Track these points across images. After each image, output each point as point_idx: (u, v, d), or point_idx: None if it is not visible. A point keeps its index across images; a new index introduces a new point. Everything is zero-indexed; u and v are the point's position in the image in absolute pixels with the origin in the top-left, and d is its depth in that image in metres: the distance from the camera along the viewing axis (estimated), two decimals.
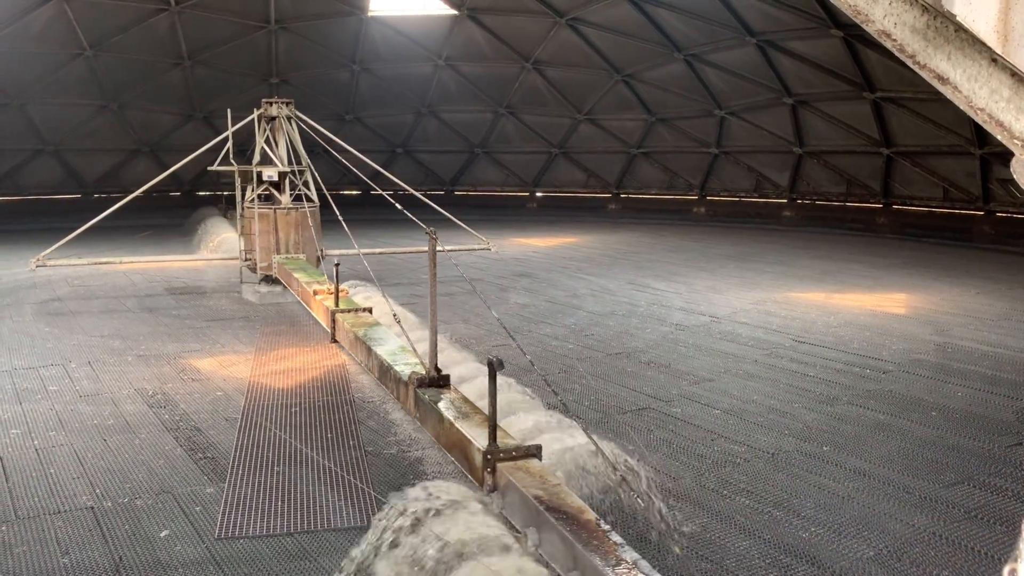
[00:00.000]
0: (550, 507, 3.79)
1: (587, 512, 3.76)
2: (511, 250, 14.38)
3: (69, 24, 21.00)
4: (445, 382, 5.66)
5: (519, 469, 4.31)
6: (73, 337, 9.66)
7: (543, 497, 3.91)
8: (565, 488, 4.03)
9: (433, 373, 5.56)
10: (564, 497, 3.93)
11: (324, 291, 9.74)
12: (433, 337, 5.52)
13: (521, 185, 28.29)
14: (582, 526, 3.63)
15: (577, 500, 3.91)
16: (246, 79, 24.52)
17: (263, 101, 12.98)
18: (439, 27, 23.60)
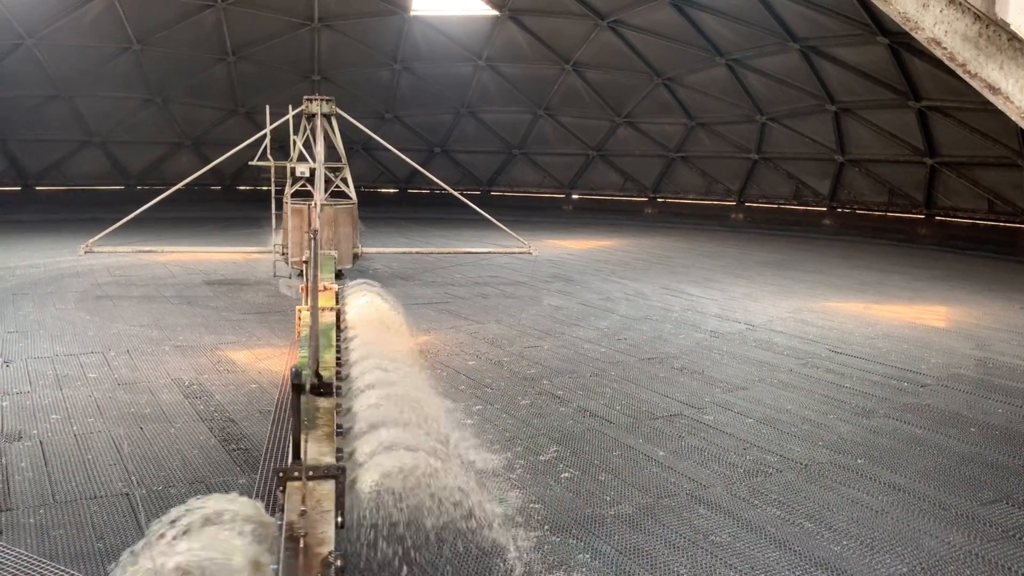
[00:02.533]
0: (291, 536, 3.42)
1: (326, 545, 3.35)
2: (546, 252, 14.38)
3: (118, 18, 21.39)
4: (327, 390, 5.17)
5: (298, 491, 3.82)
6: (113, 326, 9.83)
7: (293, 523, 3.51)
8: (330, 516, 3.58)
9: (314, 380, 5.10)
10: (315, 525, 3.50)
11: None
12: (314, 342, 5.19)
13: (557, 187, 28.26)
14: (308, 560, 3.26)
15: (330, 531, 3.45)
16: (289, 76, 24.80)
17: (304, 98, 13.10)
18: (480, 28, 23.66)
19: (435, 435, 5.11)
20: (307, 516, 3.50)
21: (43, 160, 24.34)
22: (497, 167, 28.44)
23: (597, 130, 26.44)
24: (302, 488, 3.72)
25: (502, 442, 6.15)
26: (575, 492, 5.28)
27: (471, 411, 6.87)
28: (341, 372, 6.01)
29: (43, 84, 22.40)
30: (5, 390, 7.23)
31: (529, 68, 24.87)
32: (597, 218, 25.93)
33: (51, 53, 21.65)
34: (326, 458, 4.12)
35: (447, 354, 8.85)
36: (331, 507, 3.60)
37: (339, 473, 3.95)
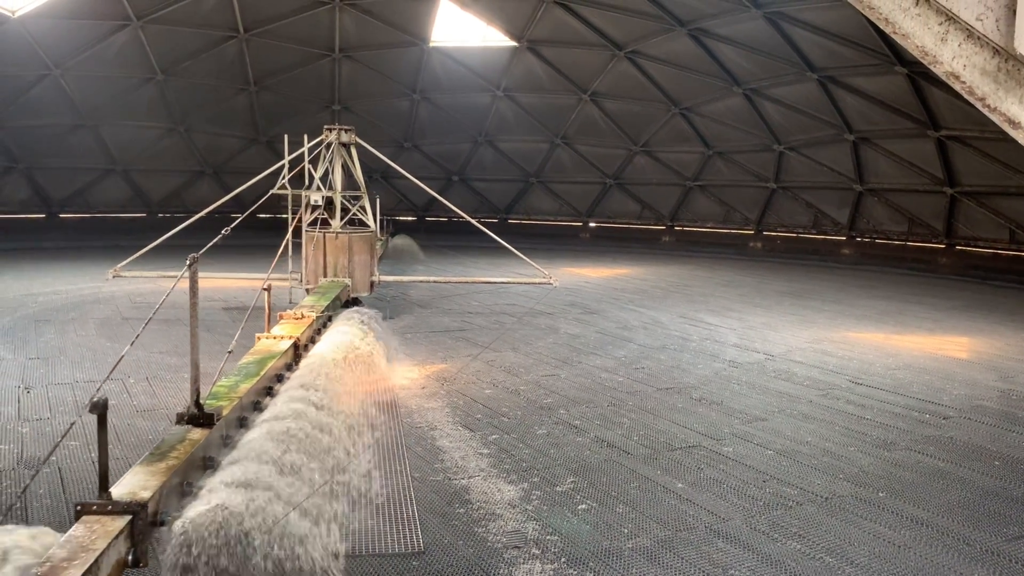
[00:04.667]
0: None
1: None
2: (563, 280, 14.38)
3: (142, 49, 21.79)
4: (208, 421, 5.02)
5: (85, 526, 3.65)
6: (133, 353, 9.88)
7: (52, 558, 3.35)
8: (92, 555, 3.34)
9: (194, 410, 4.99)
10: (55, 572, 3.25)
11: (291, 315, 9.37)
12: (195, 372, 5.03)
13: (575, 215, 28.33)
14: None
15: (76, 572, 3.24)
16: (309, 105, 25.10)
17: (325, 127, 13.24)
18: (499, 58, 23.89)
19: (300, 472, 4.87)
20: (68, 552, 3.34)
21: (67, 188, 24.69)
22: (514, 195, 28.57)
23: (614, 159, 26.53)
24: (93, 523, 3.59)
25: (518, 472, 6.11)
26: (592, 524, 5.23)
27: (487, 440, 6.85)
28: (260, 403, 5.96)
29: (69, 113, 22.79)
30: (26, 416, 7.29)
31: (547, 98, 25.06)
32: (614, 246, 25.94)
33: (77, 83, 22.05)
34: (144, 492, 3.93)
35: (464, 382, 8.84)
36: (102, 545, 3.44)
37: (139, 509, 3.77)
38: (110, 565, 3.46)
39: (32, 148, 23.24)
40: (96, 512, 3.68)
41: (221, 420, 5.10)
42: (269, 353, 7.13)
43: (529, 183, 28.19)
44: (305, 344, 8.14)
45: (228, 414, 5.34)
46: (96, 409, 3.67)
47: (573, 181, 27.69)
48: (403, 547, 4.85)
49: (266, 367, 6.60)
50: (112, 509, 3.70)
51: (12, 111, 22.01)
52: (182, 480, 4.41)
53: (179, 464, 4.37)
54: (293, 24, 22.29)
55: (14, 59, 20.43)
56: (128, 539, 3.70)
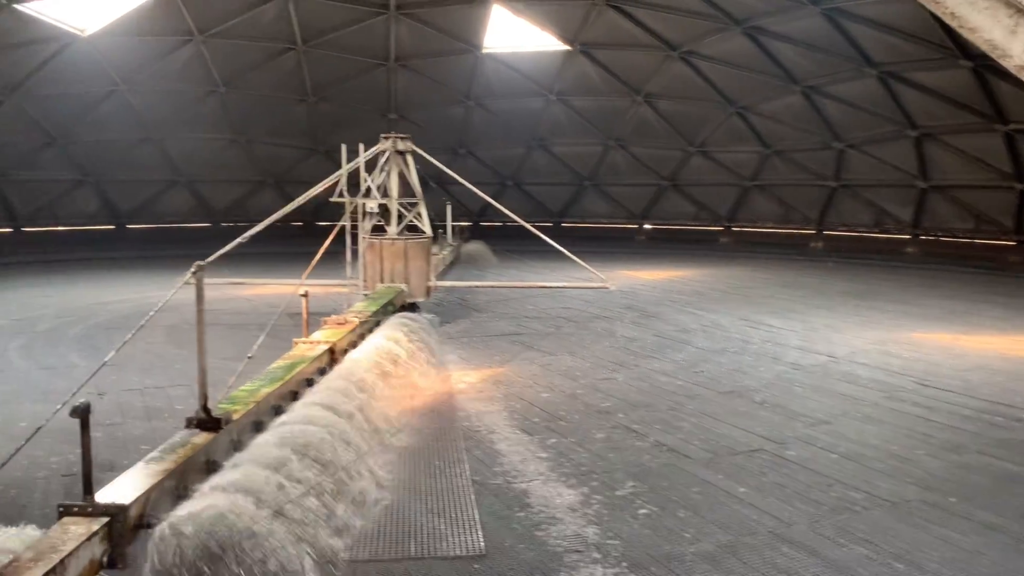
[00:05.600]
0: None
1: None
2: (619, 283, 14.32)
3: (204, 64, 22.39)
4: (216, 425, 5.17)
5: (64, 528, 3.71)
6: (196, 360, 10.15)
7: (11, 561, 3.39)
8: (54, 557, 3.40)
9: (202, 415, 5.15)
10: (17, 572, 3.30)
11: (334, 320, 9.49)
12: (202, 377, 5.22)
13: (629, 217, 28.18)
14: None
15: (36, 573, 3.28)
16: (366, 114, 25.48)
17: (382, 136, 13.43)
18: (551, 62, 23.92)
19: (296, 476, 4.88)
20: (36, 553, 3.41)
21: (135, 199, 25.49)
22: (568, 199, 28.54)
23: (669, 160, 26.32)
24: (71, 525, 3.68)
25: (578, 476, 6.11)
26: (653, 529, 5.21)
27: (546, 444, 6.86)
28: (281, 407, 6.10)
29: (135, 127, 23.51)
30: (98, 421, 7.53)
31: (600, 100, 24.99)
32: (671, 248, 25.70)
33: (143, 98, 22.74)
34: (128, 495, 4.03)
35: (521, 386, 8.87)
36: (71, 547, 3.50)
37: (117, 512, 3.84)
38: (80, 566, 3.53)
39: (101, 162, 24.06)
40: (77, 514, 3.79)
41: (230, 424, 5.27)
42: (300, 358, 7.31)
43: (583, 186, 28.14)
44: (344, 349, 8.31)
45: (241, 419, 5.51)
46: (77, 414, 3.86)
47: (628, 183, 27.55)
48: (464, 550, 4.89)
49: (293, 372, 6.76)
50: (92, 511, 3.79)
51: (82, 127, 22.81)
52: (178, 483, 4.49)
53: (174, 468, 4.48)
54: (349, 35, 22.65)
55: (84, 76, 21.17)
56: (106, 541, 3.77)
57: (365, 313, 9.88)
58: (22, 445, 4.42)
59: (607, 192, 28.11)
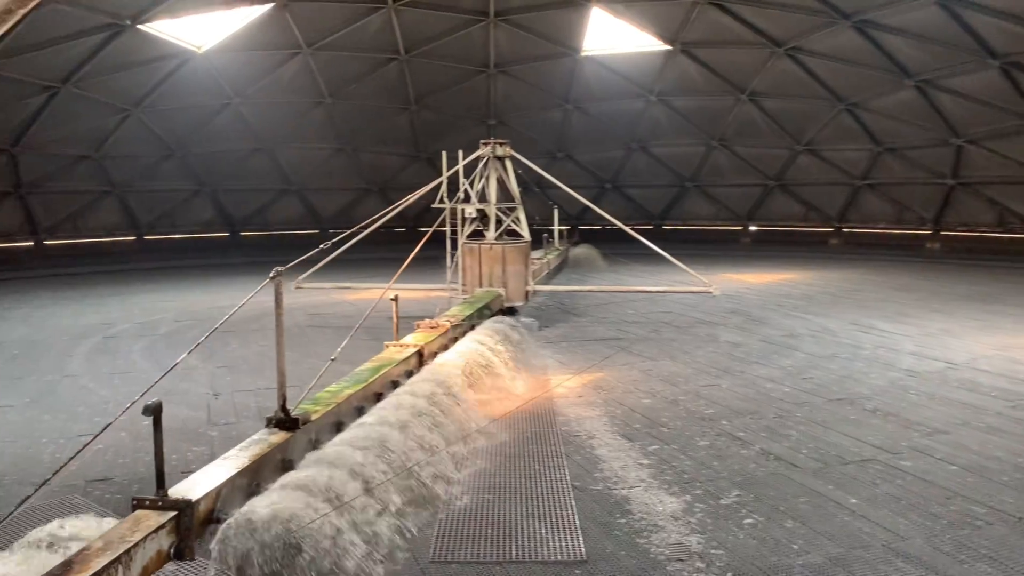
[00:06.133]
0: (61, 566, 3.45)
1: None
2: (722, 286, 14.00)
3: (312, 76, 23.17)
4: (293, 425, 5.34)
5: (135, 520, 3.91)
6: (307, 361, 10.48)
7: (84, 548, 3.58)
8: (99, 557, 3.52)
9: (280, 415, 5.34)
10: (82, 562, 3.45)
11: (427, 324, 9.56)
12: (281, 379, 5.38)
13: (734, 219, 27.59)
14: None
15: (91, 568, 3.41)
16: (466, 121, 25.84)
17: (481, 142, 13.57)
18: (651, 63, 23.68)
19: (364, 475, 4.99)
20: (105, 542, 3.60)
21: (247, 208, 26.61)
22: (670, 201, 28.17)
23: (776, 159, 25.63)
24: (142, 517, 3.87)
25: (680, 484, 6.00)
26: (759, 539, 5.06)
27: (647, 451, 6.77)
28: (364, 408, 6.29)
29: (247, 138, 24.56)
30: (214, 421, 7.89)
31: (702, 100, 24.58)
32: (777, 250, 25.00)
33: (254, 110, 23.74)
34: (198, 490, 4.22)
35: (621, 391, 8.78)
36: (137, 538, 3.68)
37: (184, 506, 4.02)
38: (147, 556, 3.72)
39: (216, 172, 25.23)
40: (148, 507, 4.01)
41: (308, 424, 5.44)
42: (388, 361, 7.47)
43: (685, 188, 27.71)
44: (434, 352, 8.42)
45: (321, 419, 5.67)
46: (149, 412, 4.05)
47: (732, 184, 26.99)
48: (566, 555, 4.87)
49: (378, 374, 6.93)
50: (161, 505, 4.00)
51: (198, 138, 23.98)
52: (252, 480, 4.67)
53: (248, 465, 4.66)
54: (450, 43, 23.03)
55: (200, 90, 22.26)
56: (173, 533, 3.96)
57: (458, 317, 10.01)
58: (89, 442, 4.67)
59: (710, 193, 27.60)
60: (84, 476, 6.35)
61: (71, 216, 23.80)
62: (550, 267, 17.52)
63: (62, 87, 19.84)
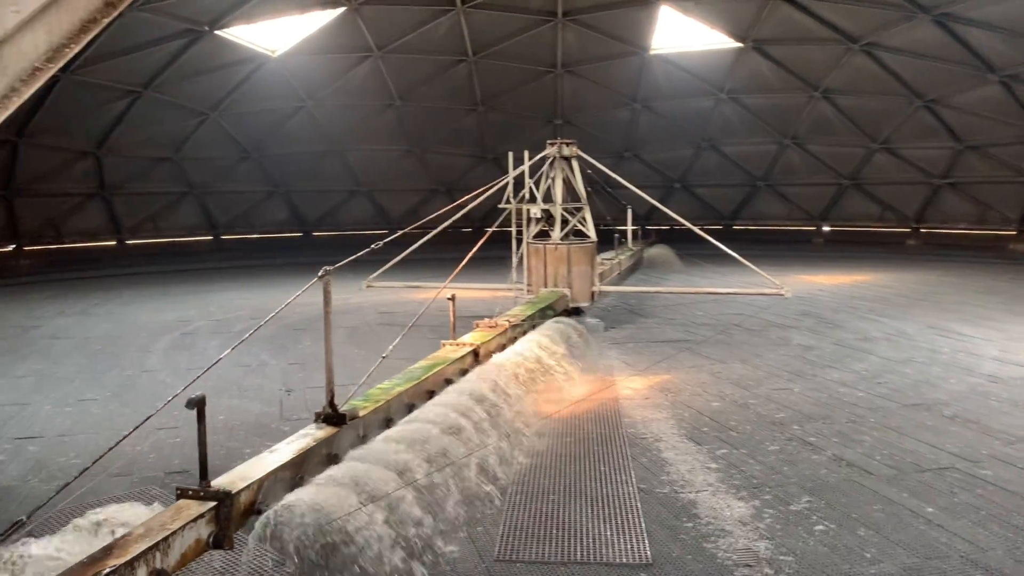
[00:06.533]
0: (102, 550, 3.60)
1: (110, 560, 3.49)
2: (794, 288, 13.70)
3: (382, 78, 23.53)
4: (340, 420, 5.44)
5: (175, 507, 4.08)
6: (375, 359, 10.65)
7: (126, 534, 3.75)
8: (138, 543, 3.67)
9: (328, 410, 5.44)
10: (122, 547, 3.61)
11: (486, 323, 9.56)
12: (329, 375, 5.48)
13: (806, 219, 26.99)
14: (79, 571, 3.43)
15: (130, 553, 3.56)
16: (533, 122, 25.88)
17: (548, 142, 13.58)
18: (722, 60, 23.34)
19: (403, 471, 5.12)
20: (146, 529, 3.78)
21: (319, 208, 27.17)
22: (740, 200, 27.71)
23: (850, 158, 24.99)
24: (184, 506, 4.02)
25: (749, 489, 5.91)
26: (830, 547, 4.95)
27: (715, 455, 6.68)
28: (414, 405, 6.43)
29: (319, 141, 25.07)
30: (286, 417, 8.09)
31: (774, 97, 24.12)
32: (852, 251, 24.36)
33: (326, 112, 24.22)
34: (240, 482, 4.34)
35: (689, 394, 8.69)
36: (177, 526, 3.81)
37: (224, 497, 4.14)
38: (185, 544, 3.86)
39: (289, 174, 25.82)
40: (191, 496, 4.16)
41: (356, 420, 5.58)
42: (442, 359, 7.56)
43: (756, 187, 27.24)
44: (491, 351, 8.46)
45: (369, 415, 5.81)
46: (192, 405, 4.14)
47: (804, 183, 26.41)
48: (631, 558, 4.85)
49: (431, 372, 7.05)
50: (203, 495, 4.14)
51: (272, 141, 24.59)
52: (295, 473, 4.80)
53: (292, 459, 4.79)
54: (518, 44, 23.10)
55: (274, 94, 22.82)
56: (212, 523, 4.09)
57: (518, 317, 10.04)
58: (129, 433, 4.84)
59: (782, 193, 27.07)
60: (164, 468, 6.58)
61: (152, 216, 24.66)
62: (622, 268, 17.34)
63: (144, 92, 20.58)
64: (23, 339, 12.57)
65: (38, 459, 6.82)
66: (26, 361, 10.88)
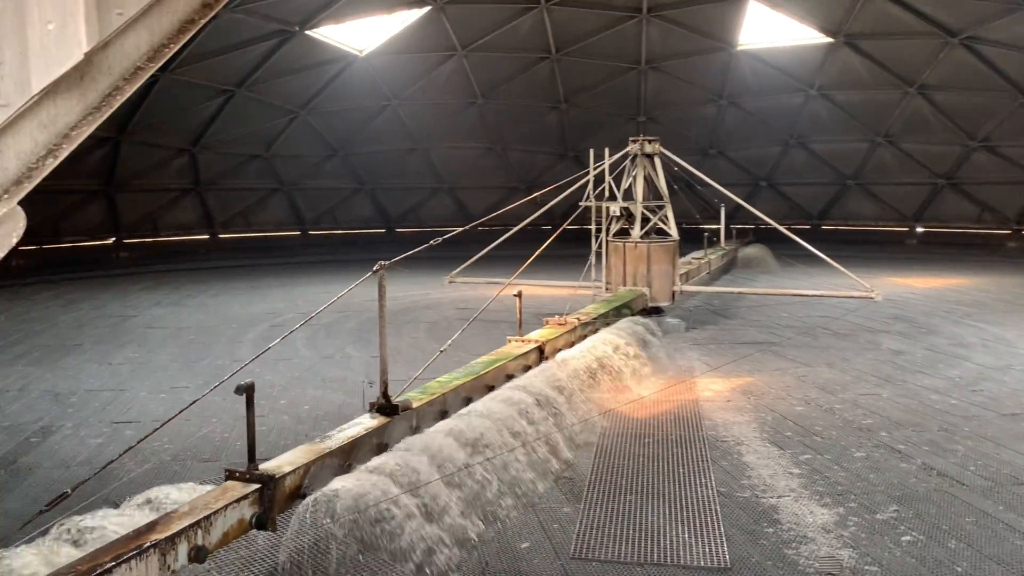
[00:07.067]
0: (147, 525, 3.77)
1: (152, 534, 3.65)
2: (885, 291, 13.24)
3: (466, 76, 23.73)
4: (393, 410, 5.57)
5: (218, 490, 4.25)
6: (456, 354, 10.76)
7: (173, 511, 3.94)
8: (181, 520, 3.82)
9: (382, 401, 5.59)
10: (165, 523, 3.73)
11: (555, 320, 9.55)
12: (383, 366, 5.64)
13: (899, 219, 26.05)
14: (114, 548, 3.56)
15: (172, 528, 3.70)
16: (615, 119, 25.70)
17: (630, 139, 13.47)
18: (812, 56, 22.72)
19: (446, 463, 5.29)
20: (191, 507, 3.97)
21: (402, 205, 27.61)
22: (829, 199, 26.94)
23: (947, 156, 24.01)
24: (230, 488, 4.20)
25: (833, 496, 5.75)
26: (918, 558, 4.78)
27: (798, 460, 6.52)
28: (471, 398, 6.56)
29: (404, 138, 25.47)
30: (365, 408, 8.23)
31: (866, 94, 23.34)
32: (947, 253, 23.40)
33: (411, 110, 24.58)
34: (286, 467, 4.51)
35: (772, 397, 8.50)
36: (219, 506, 3.99)
37: (268, 480, 4.29)
38: (227, 524, 4.03)
39: (374, 171, 26.32)
40: (237, 479, 4.33)
41: (409, 411, 5.74)
42: (505, 355, 7.68)
43: (846, 186, 26.43)
44: (557, 348, 8.45)
45: (424, 407, 5.97)
46: (241, 391, 4.33)
47: (897, 182, 25.49)
48: (709, 561, 4.78)
49: (491, 367, 7.20)
50: (249, 478, 4.30)
51: (359, 139, 25.09)
52: (344, 460, 4.96)
53: (340, 446, 4.97)
54: (601, 40, 22.97)
55: (361, 93, 23.27)
56: (256, 504, 4.25)
57: (590, 314, 10.02)
58: (171, 419, 5.03)
59: (873, 192, 26.19)
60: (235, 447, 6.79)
61: (243, 211, 25.49)
62: (711, 267, 17.00)
63: (237, 91, 21.27)
64: (121, 328, 13.16)
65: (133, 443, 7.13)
66: (123, 349, 11.39)
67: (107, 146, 20.99)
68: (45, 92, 2.58)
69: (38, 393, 8.91)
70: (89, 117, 2.71)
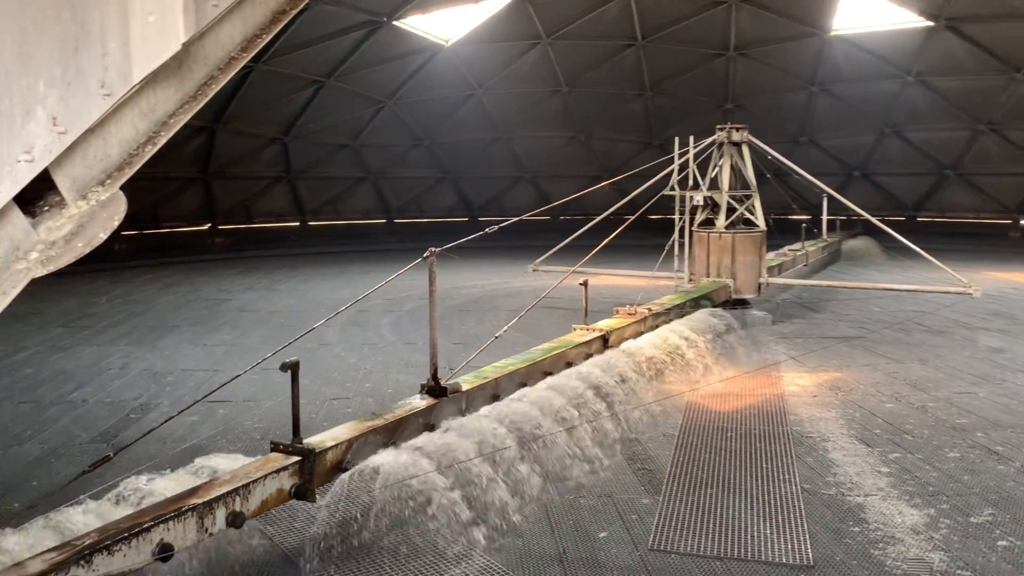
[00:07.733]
0: (188, 491, 3.98)
1: (192, 499, 3.83)
2: (984, 286, 12.67)
3: (550, 65, 23.68)
4: (441, 393, 5.70)
5: (261, 460, 4.45)
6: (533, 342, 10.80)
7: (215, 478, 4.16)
8: (222, 486, 4.02)
9: (431, 383, 5.71)
10: (207, 489, 3.91)
11: (625, 310, 9.41)
12: (433, 350, 5.75)
13: (1002, 211, 24.84)
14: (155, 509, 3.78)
15: (212, 494, 3.92)
16: (702, 106, 25.25)
17: (717, 128, 13.22)
18: (910, 41, 21.81)
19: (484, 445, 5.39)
20: (233, 475, 4.18)
21: (485, 194, 27.77)
22: (926, 190, 25.88)
23: None
24: (272, 459, 4.42)
25: (924, 496, 5.56)
26: (1015, 564, 4.58)
27: (887, 458, 6.33)
28: (527, 383, 6.68)
29: (487, 128, 25.59)
30: None
31: (968, 80, 22.28)
32: None
33: (495, 100, 24.68)
34: (328, 442, 4.72)
35: (860, 394, 8.26)
36: (259, 475, 4.20)
37: (308, 453, 4.48)
38: (266, 492, 4.24)
39: (459, 160, 26.55)
40: (281, 451, 4.53)
41: (457, 394, 5.88)
42: (566, 343, 7.77)
43: (944, 176, 25.33)
44: (624, 338, 8.39)
45: (474, 390, 6.14)
46: (286, 368, 4.53)
47: (1001, 173, 24.28)
48: (791, 559, 4.69)
49: (550, 354, 7.33)
50: (290, 451, 4.50)
51: (444, 128, 25.34)
52: (389, 438, 5.12)
53: (384, 424, 5.14)
54: (689, 27, 22.58)
55: (447, 82, 23.48)
56: (296, 476, 4.44)
57: (663, 305, 9.91)
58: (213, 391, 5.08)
59: (974, 183, 25.02)
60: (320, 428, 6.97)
61: (332, 200, 26.09)
62: (808, 260, 16.49)
63: (326, 81, 21.74)
64: (215, 311, 13.67)
65: (226, 421, 7.43)
66: (218, 331, 11.84)
67: (203, 135, 21.76)
68: (145, 82, 2.70)
69: (138, 372, 9.35)
70: (186, 106, 2.83)
